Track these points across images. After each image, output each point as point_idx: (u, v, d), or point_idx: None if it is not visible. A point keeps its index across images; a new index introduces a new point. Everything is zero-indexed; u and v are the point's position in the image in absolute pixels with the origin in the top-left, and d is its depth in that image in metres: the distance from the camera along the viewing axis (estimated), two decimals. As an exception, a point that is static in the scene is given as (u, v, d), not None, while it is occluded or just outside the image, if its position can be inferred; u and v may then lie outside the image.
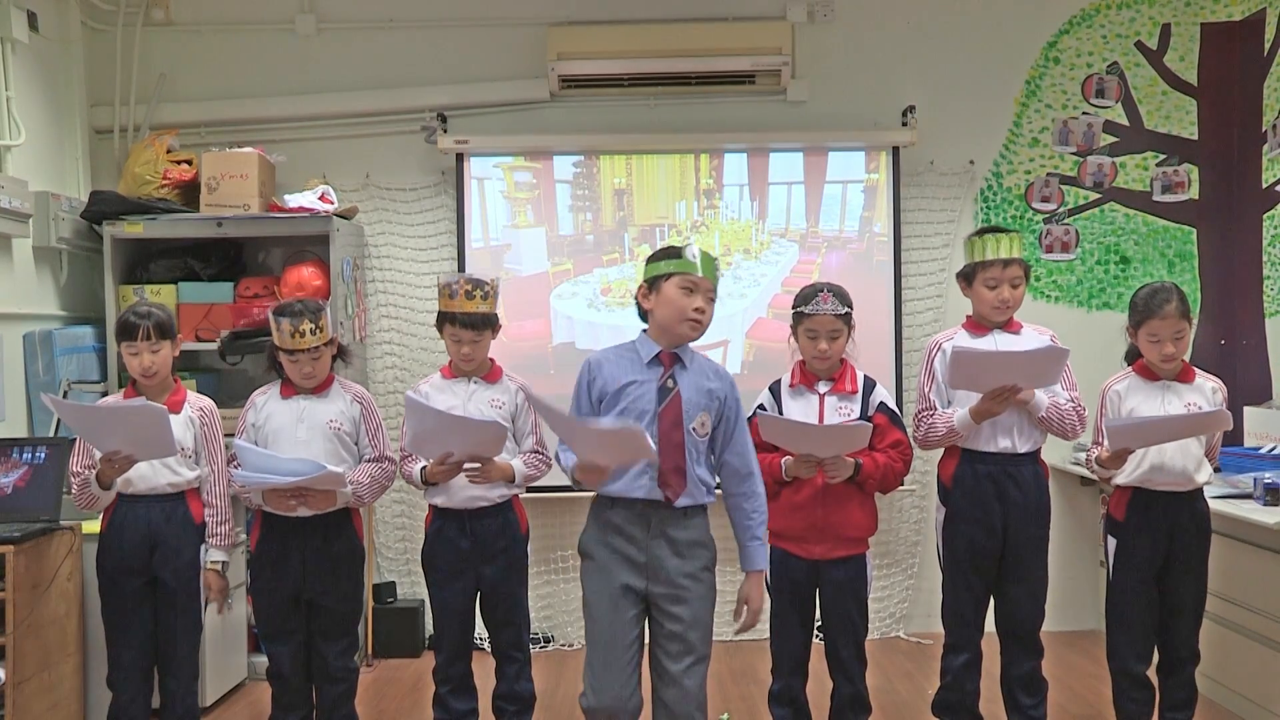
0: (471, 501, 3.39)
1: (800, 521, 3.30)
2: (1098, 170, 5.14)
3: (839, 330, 3.29)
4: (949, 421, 3.40)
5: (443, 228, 5.09)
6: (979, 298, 3.47)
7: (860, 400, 3.32)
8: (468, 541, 3.42)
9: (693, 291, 2.85)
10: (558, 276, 5.04)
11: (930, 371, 3.52)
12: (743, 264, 5.05)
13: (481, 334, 3.41)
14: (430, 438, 3.21)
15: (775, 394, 3.39)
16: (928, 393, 3.50)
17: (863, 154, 5.04)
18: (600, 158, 5.03)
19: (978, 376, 3.27)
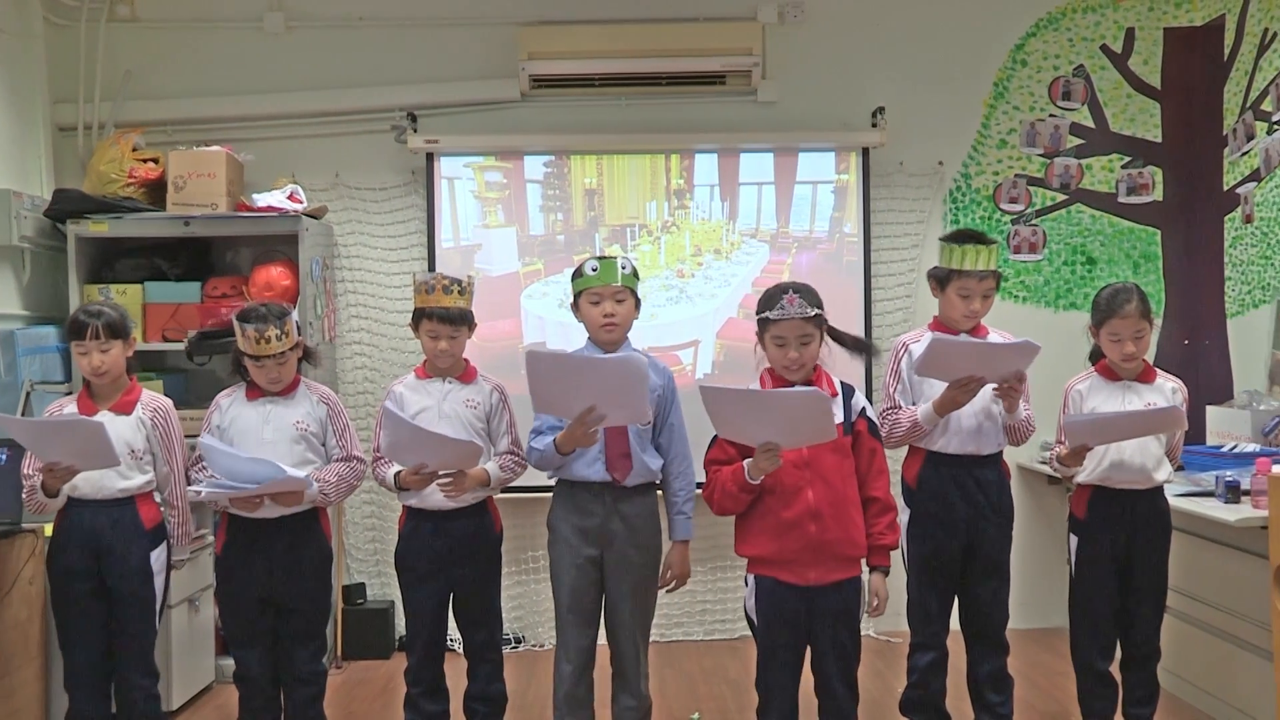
0: (446, 502, 3.40)
1: (794, 542, 2.97)
2: (1064, 172, 5.22)
3: (810, 335, 3.01)
4: (912, 416, 3.39)
5: (413, 227, 5.10)
6: (949, 303, 3.45)
7: (840, 405, 3.07)
8: (442, 542, 3.43)
9: (599, 301, 3.31)
10: (528, 277, 5.06)
11: (896, 372, 3.49)
12: (713, 264, 5.09)
13: (459, 330, 3.42)
14: (405, 448, 3.26)
15: None
16: (893, 393, 3.48)
17: (833, 155, 5.08)
18: (571, 158, 5.05)
19: (949, 367, 3.26)
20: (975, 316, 3.45)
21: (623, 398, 3.04)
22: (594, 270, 3.34)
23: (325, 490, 3.39)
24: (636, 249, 5.08)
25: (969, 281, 3.39)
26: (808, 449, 2.98)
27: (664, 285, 5.08)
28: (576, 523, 3.35)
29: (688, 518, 3.42)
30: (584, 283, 3.36)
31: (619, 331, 3.36)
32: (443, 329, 3.40)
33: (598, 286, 3.32)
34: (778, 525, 3.00)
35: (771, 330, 3.03)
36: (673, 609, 5.09)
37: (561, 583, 3.38)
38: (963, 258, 3.39)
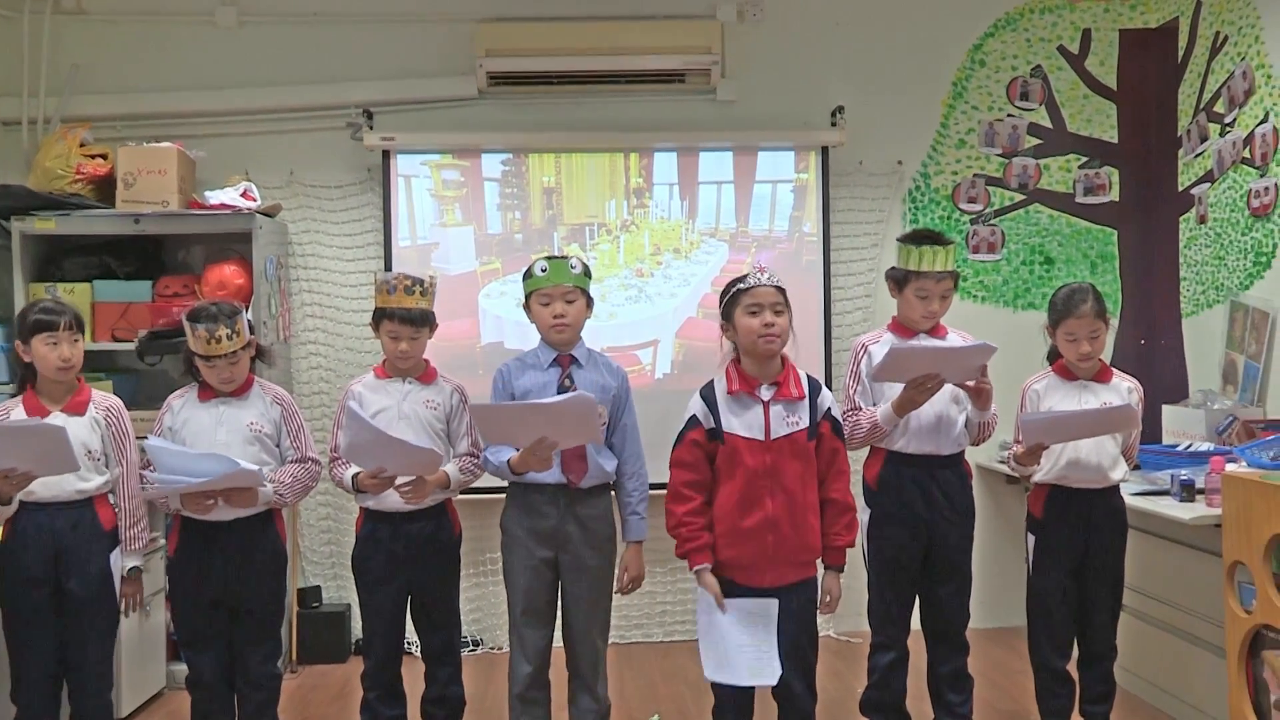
0: (404, 504, 3.38)
1: (751, 550, 3.00)
2: (1022, 172, 5.27)
3: (781, 305, 3.01)
4: (872, 418, 3.40)
5: (369, 226, 5.07)
6: (907, 303, 3.46)
7: (808, 406, 3.05)
8: (400, 545, 3.43)
9: (549, 302, 3.34)
10: (486, 276, 5.05)
11: (856, 374, 3.50)
12: (673, 263, 5.10)
13: (420, 331, 3.42)
14: (365, 450, 3.24)
15: (710, 403, 3.06)
16: (853, 394, 3.49)
17: (792, 154, 5.11)
18: (529, 156, 5.04)
19: (906, 370, 3.26)
20: (934, 317, 3.46)
21: (574, 428, 3.09)
22: (543, 271, 3.36)
23: (280, 491, 3.37)
24: (595, 248, 5.08)
25: (927, 282, 3.40)
26: (771, 458, 2.99)
27: (623, 284, 5.09)
28: (531, 525, 3.36)
29: (642, 518, 3.45)
30: (534, 283, 3.38)
31: (570, 332, 3.38)
32: (404, 330, 3.40)
33: (547, 287, 3.35)
34: (734, 532, 3.00)
35: (744, 300, 3.01)
36: (632, 610, 5.09)
37: (516, 585, 3.40)
38: (920, 259, 3.39)
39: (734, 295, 3.05)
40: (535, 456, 3.15)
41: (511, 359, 3.52)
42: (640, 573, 3.45)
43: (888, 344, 3.42)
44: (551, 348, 3.40)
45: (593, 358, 3.46)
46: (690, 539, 3.03)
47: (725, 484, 3.03)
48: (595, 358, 3.48)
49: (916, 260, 3.41)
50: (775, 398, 3.03)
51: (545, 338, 3.42)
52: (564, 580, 3.39)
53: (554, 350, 3.40)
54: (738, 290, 3.04)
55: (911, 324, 3.49)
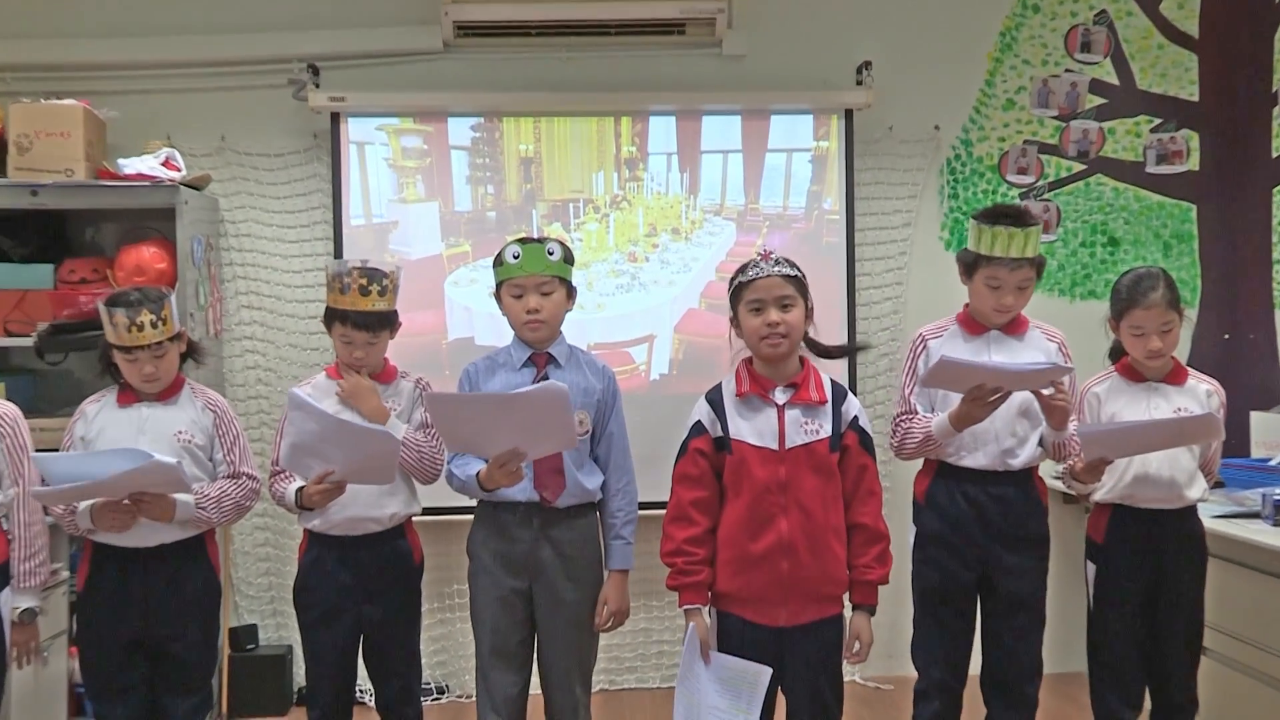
0: (354, 525, 3.40)
1: (762, 579, 2.98)
2: (1083, 137, 5.26)
3: (791, 297, 3.01)
4: (926, 427, 3.39)
5: (315, 201, 5.07)
6: (977, 293, 3.43)
7: (830, 413, 3.05)
8: (350, 574, 3.42)
9: (522, 294, 3.35)
10: (453, 260, 5.04)
11: (913, 371, 3.51)
12: (671, 246, 5.10)
13: (378, 335, 3.43)
14: (310, 449, 3.21)
15: (717, 408, 3.08)
16: (908, 395, 3.49)
17: (810, 118, 5.10)
18: (503, 120, 5.03)
19: (960, 382, 3.24)
20: (1007, 311, 3.43)
21: (545, 429, 3.06)
22: (515, 257, 3.36)
23: (204, 506, 3.33)
24: (581, 228, 5.08)
25: (999, 270, 3.36)
26: (785, 470, 2.99)
27: (613, 270, 5.08)
28: (499, 549, 3.37)
29: (628, 543, 3.44)
30: (505, 272, 3.39)
31: (545, 330, 3.40)
32: (358, 336, 3.40)
33: (520, 277, 3.35)
34: (741, 558, 3.00)
35: (746, 295, 3.03)
36: (623, 651, 5.09)
37: (483, 620, 3.40)
38: (992, 241, 3.35)
39: (736, 288, 3.07)
40: (503, 473, 3.15)
41: (480, 358, 3.53)
42: (621, 607, 3.43)
43: (954, 339, 3.46)
44: (525, 345, 3.43)
45: (574, 356, 3.48)
46: (686, 571, 3.03)
47: (732, 502, 3.04)
48: (577, 356, 3.50)
49: (988, 242, 3.36)
50: (791, 401, 3.03)
51: (518, 334, 3.44)
52: (538, 616, 3.39)
53: (528, 348, 3.42)
54: (739, 283, 3.06)
55: (982, 317, 3.47)
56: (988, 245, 3.37)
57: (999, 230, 3.35)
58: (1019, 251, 3.35)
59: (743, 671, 2.98)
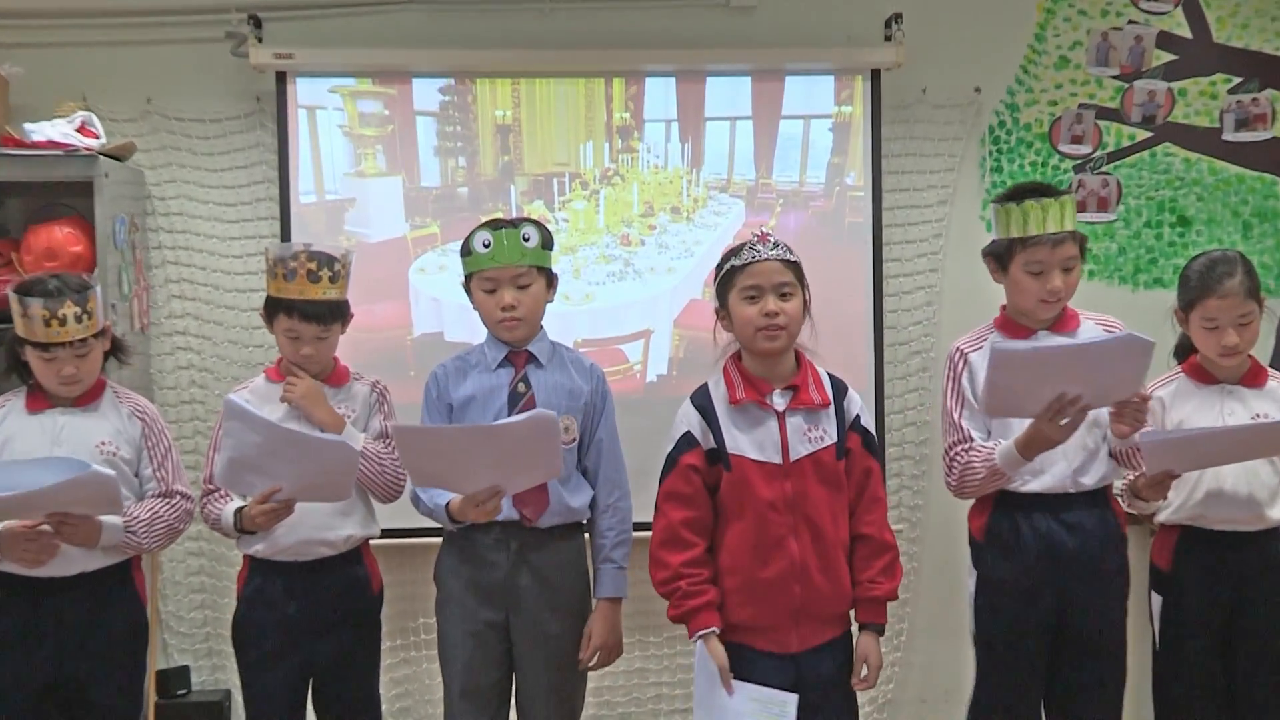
0: (304, 550, 3.43)
1: (773, 606, 3.10)
2: (1148, 100, 5.23)
3: (791, 285, 3.11)
4: (990, 459, 3.31)
5: (258, 175, 5.04)
6: (1018, 287, 3.40)
7: (834, 415, 3.17)
8: (298, 607, 3.44)
9: (495, 288, 3.39)
10: (420, 243, 5.03)
11: (957, 391, 3.44)
12: (670, 227, 5.09)
13: (328, 328, 3.46)
14: (251, 464, 3.20)
15: (708, 416, 3.17)
16: (958, 418, 3.42)
17: (831, 79, 5.08)
18: (476, 82, 5.02)
19: (1024, 392, 3.12)
20: (1057, 298, 3.39)
21: (529, 461, 3.12)
22: (486, 246, 3.40)
23: (133, 529, 3.34)
24: (566, 206, 5.07)
25: (1039, 250, 3.35)
26: (792, 486, 3.09)
27: (603, 256, 5.09)
28: (472, 576, 3.39)
29: (620, 568, 3.47)
30: (473, 263, 3.43)
31: (523, 329, 3.45)
32: (305, 329, 3.43)
33: (492, 269, 3.39)
34: (750, 587, 3.09)
35: (740, 281, 3.12)
36: (615, 694, 5.09)
37: (453, 657, 3.41)
38: (1025, 219, 3.35)
39: (727, 273, 3.16)
40: (479, 512, 3.20)
41: (449, 359, 3.57)
42: (610, 641, 3.46)
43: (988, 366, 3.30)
44: (501, 343, 3.47)
45: (557, 354, 3.53)
46: (692, 594, 3.07)
47: (733, 523, 3.11)
48: (561, 354, 3.54)
49: (1020, 221, 3.36)
50: (792, 406, 3.12)
51: (492, 332, 3.47)
52: (516, 652, 3.40)
53: (504, 346, 3.47)
54: (731, 267, 3.15)
55: (1025, 316, 3.44)
56: (1019, 224, 3.36)
57: (1029, 205, 3.34)
58: (1057, 224, 3.34)
59: (769, 701, 3.03)
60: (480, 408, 3.41)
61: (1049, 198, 3.34)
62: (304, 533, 3.39)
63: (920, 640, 5.17)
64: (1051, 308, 3.40)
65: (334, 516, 3.42)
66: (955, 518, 4.90)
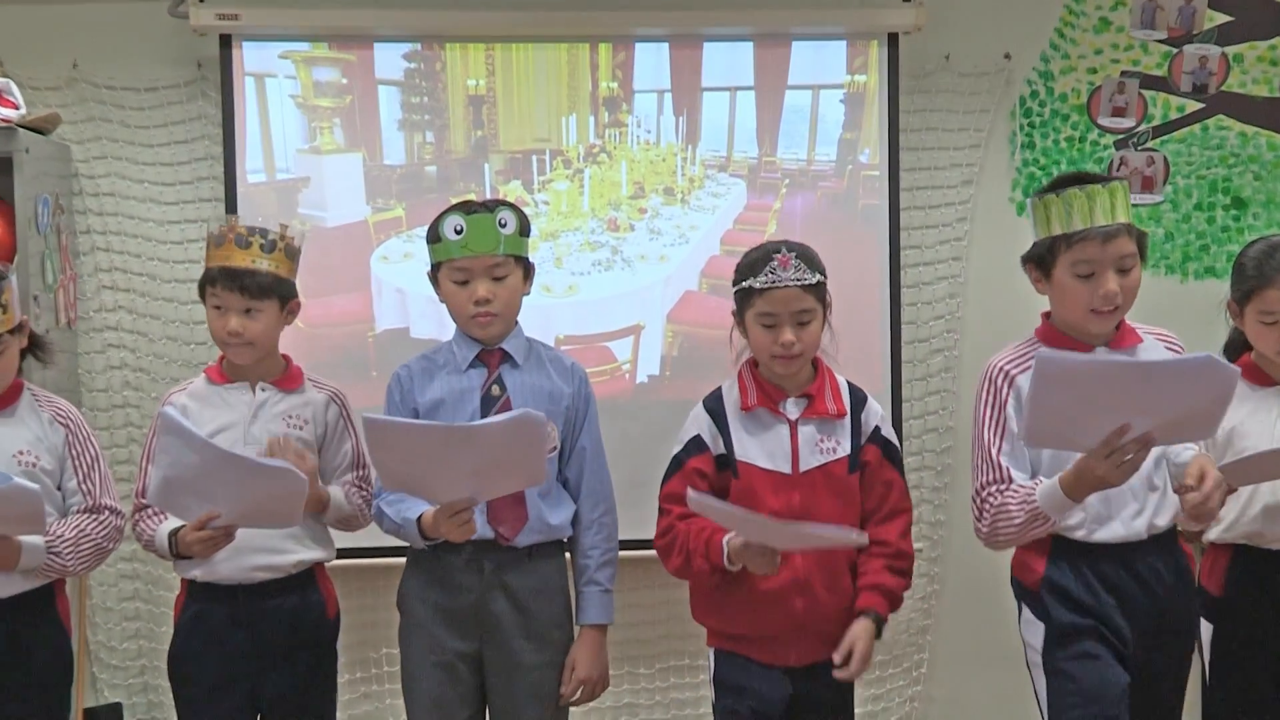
0: (249, 573, 3.40)
1: (774, 619, 3.26)
2: (1200, 67, 5.23)
3: (810, 310, 3.24)
4: (1031, 503, 3.12)
5: (200, 151, 5.03)
6: (1065, 295, 3.21)
7: (849, 426, 3.31)
8: (244, 635, 3.42)
9: (468, 279, 3.39)
10: (383, 228, 5.03)
11: (999, 420, 3.24)
12: (663, 211, 5.09)
13: (260, 302, 3.43)
14: (188, 485, 3.19)
15: (719, 420, 3.33)
16: (994, 453, 3.21)
17: (843, 45, 5.09)
18: (446, 47, 5.02)
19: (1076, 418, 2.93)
20: (1113, 305, 3.19)
21: (511, 466, 3.13)
22: (458, 232, 3.40)
23: (58, 550, 3.32)
24: (547, 187, 5.07)
25: (1088, 247, 3.15)
26: (800, 497, 3.22)
27: (589, 243, 5.08)
28: (440, 601, 3.39)
29: (605, 591, 3.48)
30: (443, 251, 3.43)
31: (498, 325, 3.44)
32: (230, 299, 3.42)
33: (464, 258, 3.39)
34: (753, 597, 3.23)
35: (757, 305, 3.22)
36: (603, 733, 5.10)
37: (418, 692, 3.41)
38: (1068, 211, 3.16)
39: (744, 291, 3.27)
40: (452, 525, 3.18)
41: (413, 359, 3.56)
42: (594, 674, 3.46)
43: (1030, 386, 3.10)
44: (472, 341, 3.47)
45: (535, 353, 3.53)
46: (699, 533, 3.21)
47: None
48: (538, 353, 3.54)
49: (1063, 215, 3.18)
50: (805, 415, 3.28)
51: (463, 328, 3.47)
52: (489, 686, 3.40)
53: (476, 344, 3.47)
54: (745, 288, 3.26)
55: (1075, 329, 3.25)
56: (1061, 218, 3.18)
57: (1072, 194, 3.17)
58: (1107, 215, 3.16)
59: None
60: (450, 413, 3.41)
61: (1095, 184, 3.19)
62: (249, 555, 3.38)
63: (942, 672, 5.18)
64: (1106, 319, 3.21)
65: (283, 538, 3.40)
66: None
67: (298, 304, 3.54)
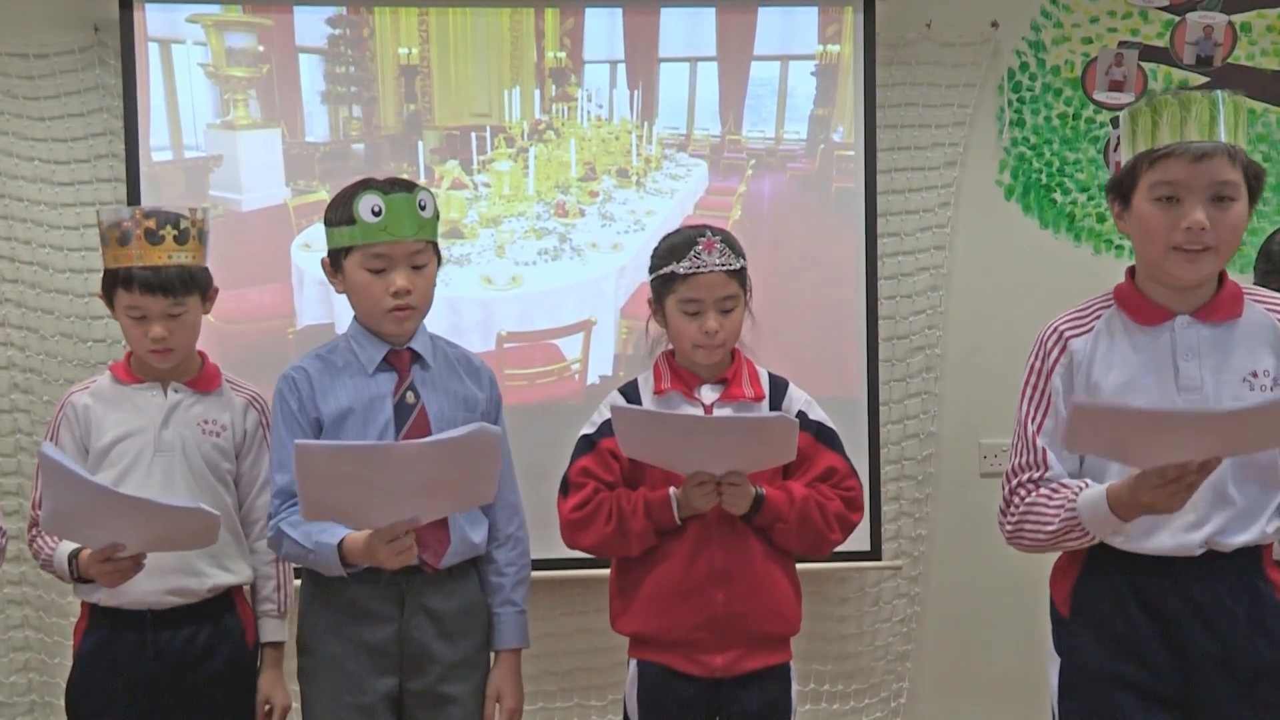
0: (160, 597, 3.37)
1: (691, 616, 3.32)
2: (1204, 36, 5.26)
3: (735, 297, 3.37)
4: (1069, 511, 2.85)
5: (97, 125, 4.98)
6: (1143, 226, 2.87)
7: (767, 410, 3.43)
8: (152, 665, 3.39)
9: (385, 267, 3.27)
10: (304, 213, 4.99)
11: (1043, 393, 2.97)
12: (616, 194, 5.09)
13: (183, 303, 3.39)
14: (83, 520, 3.12)
15: (633, 404, 3.45)
16: (1033, 434, 2.96)
17: (815, 11, 5.10)
18: (375, 11, 5.01)
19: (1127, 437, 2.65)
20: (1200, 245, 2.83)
21: (459, 484, 3.04)
22: (376, 214, 3.26)
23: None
24: (488, 168, 5.05)
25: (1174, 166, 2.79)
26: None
27: (534, 229, 5.06)
28: (358, 635, 3.29)
29: (521, 612, 3.46)
30: (360, 234, 3.27)
31: (415, 320, 3.36)
32: (153, 303, 3.36)
33: (384, 243, 3.26)
34: (666, 592, 3.34)
35: (680, 291, 3.35)
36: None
37: None
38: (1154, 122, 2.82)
39: (664, 279, 3.39)
40: (393, 546, 3.06)
41: (305, 358, 3.42)
42: (520, 704, 3.46)
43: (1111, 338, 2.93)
44: (378, 339, 3.36)
45: (440, 352, 3.44)
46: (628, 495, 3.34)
47: None
48: (444, 352, 3.46)
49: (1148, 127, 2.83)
50: (722, 400, 3.41)
51: (371, 324, 3.36)
52: None
53: (383, 343, 3.36)
54: (667, 274, 3.38)
55: (1156, 276, 2.92)
56: (1146, 131, 2.85)
57: (1164, 100, 2.85)
58: (1204, 131, 2.80)
59: None
60: (360, 423, 3.30)
61: (1194, 95, 2.84)
62: (159, 577, 3.32)
63: (923, 704, 5.19)
64: (1192, 261, 2.84)
65: (198, 557, 3.38)
66: (968, 554, 4.93)
67: (216, 290, 3.49)
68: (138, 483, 3.34)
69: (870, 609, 5.14)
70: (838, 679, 5.11)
